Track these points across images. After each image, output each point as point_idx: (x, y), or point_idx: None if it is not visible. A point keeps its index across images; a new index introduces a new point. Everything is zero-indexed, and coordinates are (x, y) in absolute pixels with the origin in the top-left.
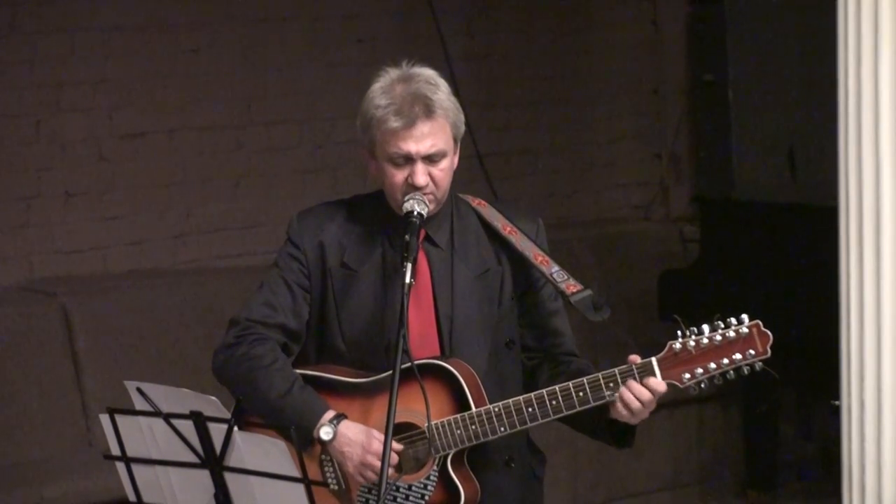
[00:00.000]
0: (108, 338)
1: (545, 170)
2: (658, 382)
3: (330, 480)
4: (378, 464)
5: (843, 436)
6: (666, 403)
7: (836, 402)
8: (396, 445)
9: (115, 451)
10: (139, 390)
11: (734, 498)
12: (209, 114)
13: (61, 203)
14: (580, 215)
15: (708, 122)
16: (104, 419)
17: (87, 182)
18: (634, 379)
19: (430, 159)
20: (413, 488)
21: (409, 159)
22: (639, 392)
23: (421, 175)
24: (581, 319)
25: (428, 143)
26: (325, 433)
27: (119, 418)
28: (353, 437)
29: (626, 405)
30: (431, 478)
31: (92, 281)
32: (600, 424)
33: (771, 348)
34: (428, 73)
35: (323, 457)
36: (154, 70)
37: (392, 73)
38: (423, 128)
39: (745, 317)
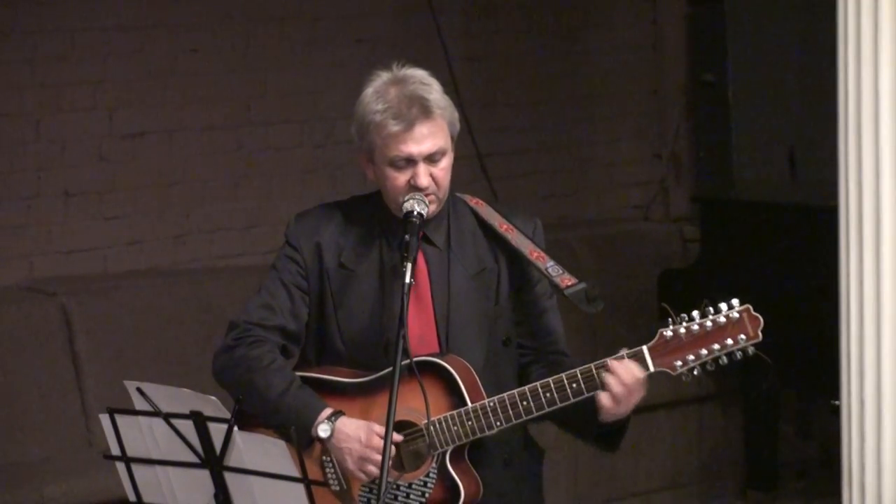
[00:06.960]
0: (108, 338)
1: (545, 170)
2: (631, 365)
3: (331, 481)
4: (377, 457)
5: (843, 436)
6: (666, 403)
7: (836, 402)
8: (396, 437)
9: (115, 451)
10: (139, 390)
11: (734, 498)
12: (209, 114)
13: (61, 203)
14: (580, 215)
15: (708, 122)
16: (104, 419)
17: (87, 182)
18: None
19: (431, 159)
20: (413, 486)
21: (410, 161)
22: (617, 369)
23: (423, 176)
24: (582, 319)
25: (428, 143)
26: (322, 430)
27: (119, 418)
28: (352, 432)
29: (609, 388)
30: (431, 475)
31: (92, 281)
32: (590, 425)
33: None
34: (420, 73)
35: (324, 458)
36: (154, 70)
37: (384, 77)
38: (422, 129)
39: (735, 301)
